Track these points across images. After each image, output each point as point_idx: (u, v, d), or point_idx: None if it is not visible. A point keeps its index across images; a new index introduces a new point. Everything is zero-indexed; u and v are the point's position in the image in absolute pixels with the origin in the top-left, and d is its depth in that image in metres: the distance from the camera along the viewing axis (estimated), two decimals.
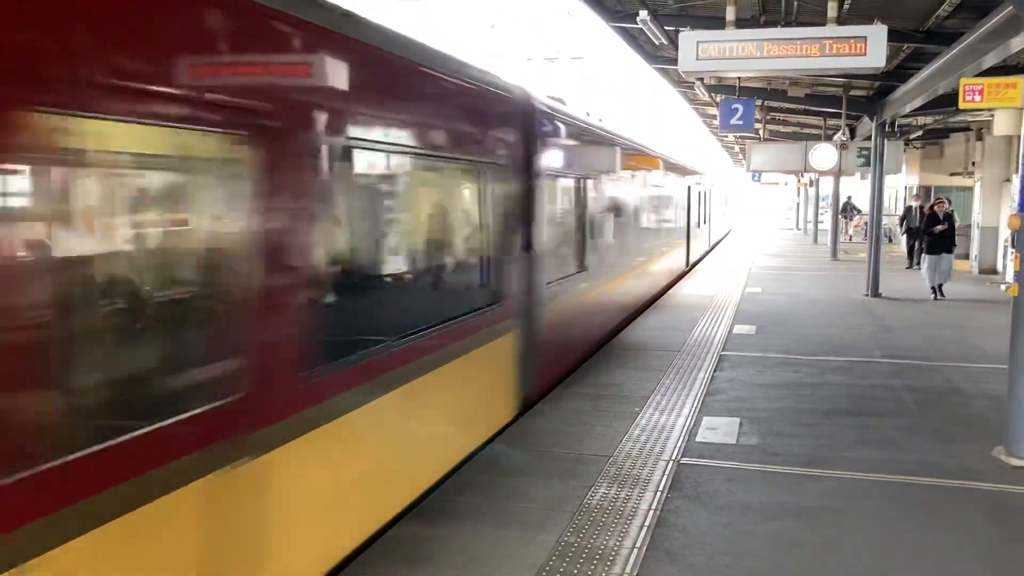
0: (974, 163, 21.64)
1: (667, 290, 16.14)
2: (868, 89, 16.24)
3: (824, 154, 19.09)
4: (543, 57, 25.59)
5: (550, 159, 7.85)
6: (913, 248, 20.76)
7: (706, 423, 6.95)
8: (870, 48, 7.26)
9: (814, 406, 7.59)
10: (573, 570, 4.26)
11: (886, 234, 25.03)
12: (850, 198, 35.38)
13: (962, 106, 9.58)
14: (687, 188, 19.22)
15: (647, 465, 5.87)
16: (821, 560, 4.47)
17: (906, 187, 28.04)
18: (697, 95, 17.74)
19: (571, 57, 26.10)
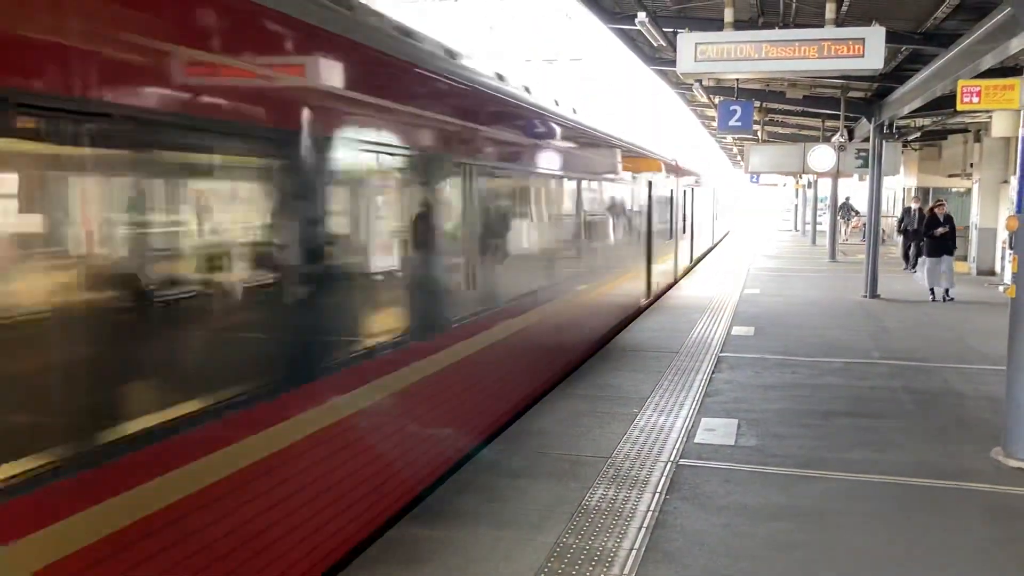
0: (972, 165, 21.66)
1: (609, 338, 11.01)
2: (866, 91, 16.26)
3: (822, 155, 19.11)
4: (542, 58, 25.65)
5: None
6: (909, 250, 20.68)
7: (704, 424, 6.96)
8: (868, 50, 7.27)
9: (812, 407, 7.60)
10: (571, 571, 4.26)
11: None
12: (848, 199, 35.40)
13: (960, 108, 9.60)
14: (644, 186, 13.49)
15: (645, 466, 5.87)
16: (819, 561, 4.47)
17: (904, 189, 28.06)
18: (695, 96, 17.75)
19: (569, 59, 26.16)
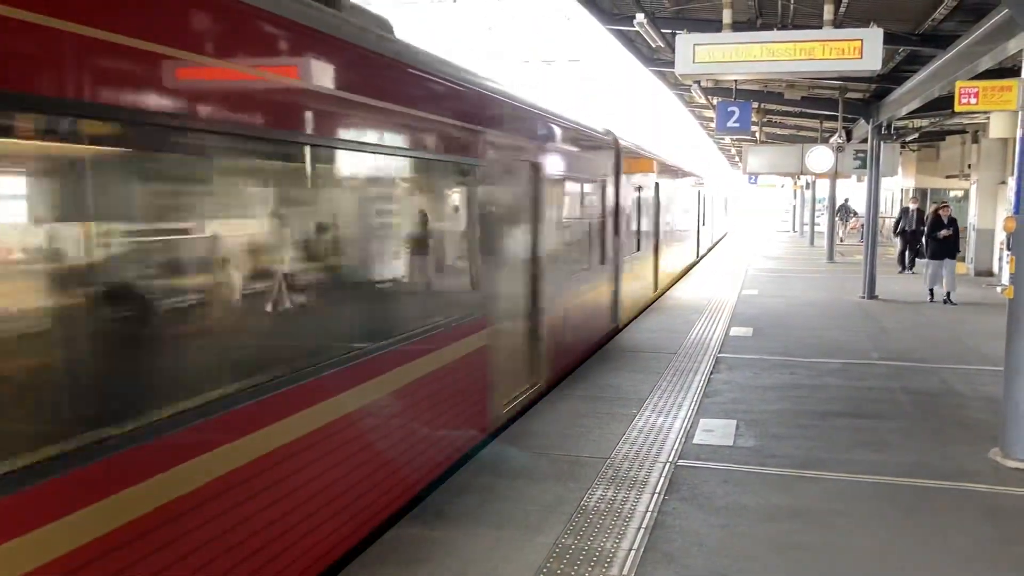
0: (970, 166, 21.70)
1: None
2: (864, 92, 16.29)
3: (820, 156, 19.14)
4: (540, 59, 25.66)
5: None
6: (905, 252, 20.63)
7: (703, 425, 6.97)
8: (866, 51, 7.29)
9: (811, 408, 7.61)
10: (571, 572, 4.27)
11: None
12: (847, 200, 35.43)
13: (958, 109, 9.61)
14: (599, 186, 10.29)
15: (644, 467, 5.88)
16: (817, 561, 4.48)
17: (902, 190, 28.10)
18: (694, 97, 17.78)
19: (568, 59, 26.18)
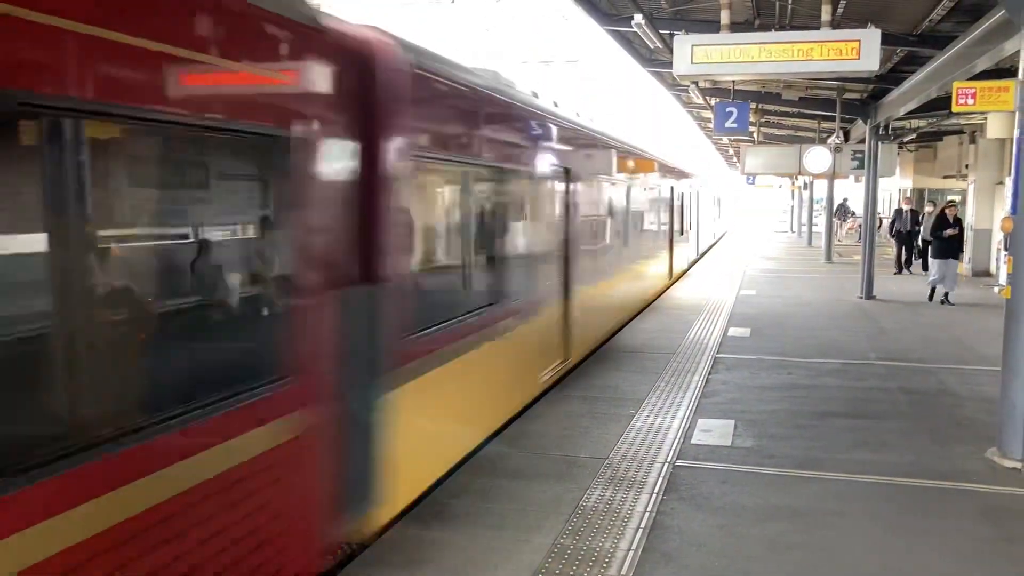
0: (967, 166, 21.72)
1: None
2: (862, 92, 16.31)
3: (818, 157, 19.16)
4: (538, 60, 25.63)
5: None
6: (902, 253, 20.62)
7: (701, 425, 6.97)
8: (864, 51, 7.30)
9: (809, 408, 7.62)
10: (569, 572, 4.27)
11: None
12: (846, 200, 35.45)
13: (955, 109, 9.61)
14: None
15: (642, 467, 5.89)
16: (815, 561, 4.49)
17: (900, 190, 28.13)
18: (692, 98, 17.80)
19: (566, 60, 26.15)
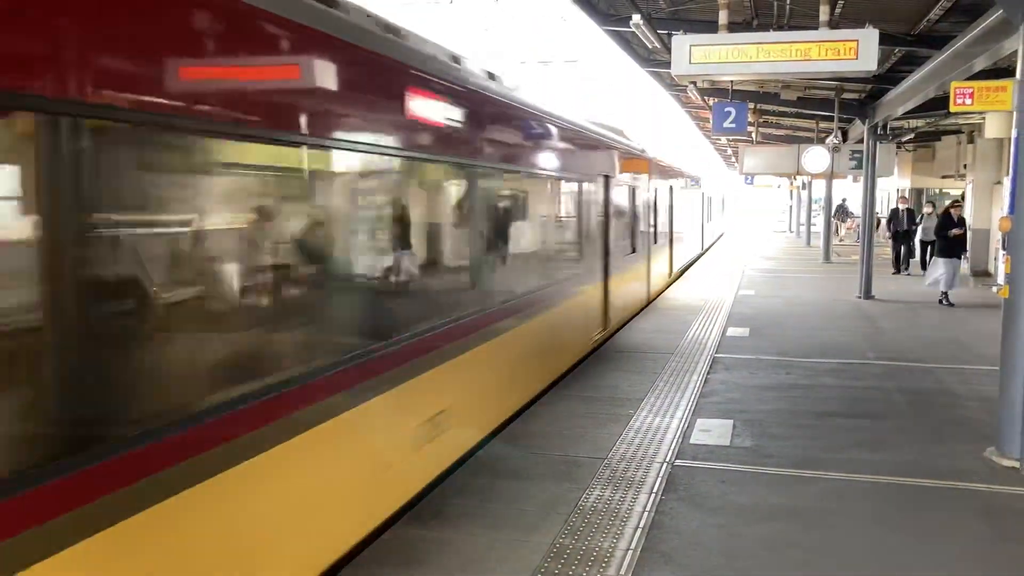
0: (965, 166, 21.74)
1: None
2: (860, 92, 16.32)
3: (816, 157, 19.19)
4: (537, 60, 25.64)
5: None
6: (900, 253, 20.61)
7: (700, 425, 6.98)
8: (862, 51, 7.30)
9: (807, 408, 7.62)
10: (568, 572, 4.28)
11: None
12: (845, 200, 35.41)
13: (953, 109, 9.58)
14: None
15: (641, 467, 5.89)
16: (814, 561, 4.49)
17: (898, 190, 28.14)
18: (690, 98, 17.80)
19: (564, 60, 26.17)
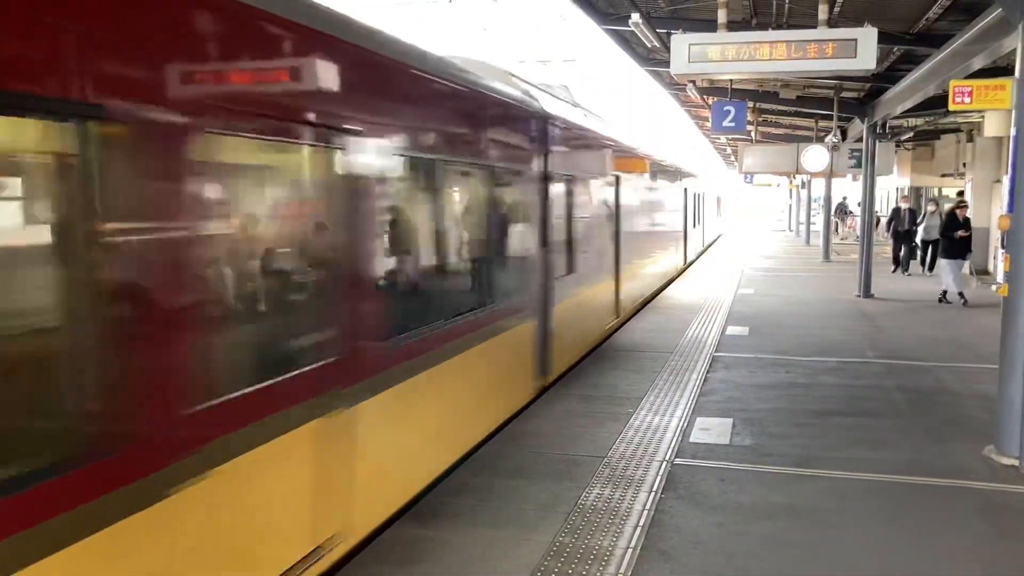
0: (965, 164, 21.74)
1: None
2: (859, 91, 16.32)
3: (816, 156, 19.17)
4: (536, 59, 25.68)
5: None
6: (900, 252, 20.60)
7: (699, 424, 6.98)
8: (860, 50, 7.30)
9: (807, 406, 7.63)
10: (568, 570, 4.28)
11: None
12: (845, 199, 35.40)
13: (952, 108, 9.62)
14: None
15: (641, 466, 5.89)
16: (814, 559, 4.50)
17: (897, 188, 28.15)
18: (689, 97, 17.80)
19: (563, 60, 26.21)
